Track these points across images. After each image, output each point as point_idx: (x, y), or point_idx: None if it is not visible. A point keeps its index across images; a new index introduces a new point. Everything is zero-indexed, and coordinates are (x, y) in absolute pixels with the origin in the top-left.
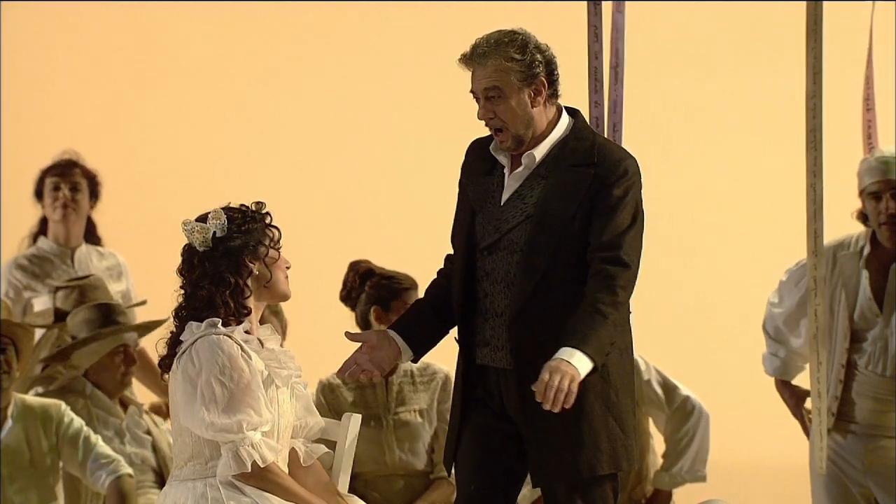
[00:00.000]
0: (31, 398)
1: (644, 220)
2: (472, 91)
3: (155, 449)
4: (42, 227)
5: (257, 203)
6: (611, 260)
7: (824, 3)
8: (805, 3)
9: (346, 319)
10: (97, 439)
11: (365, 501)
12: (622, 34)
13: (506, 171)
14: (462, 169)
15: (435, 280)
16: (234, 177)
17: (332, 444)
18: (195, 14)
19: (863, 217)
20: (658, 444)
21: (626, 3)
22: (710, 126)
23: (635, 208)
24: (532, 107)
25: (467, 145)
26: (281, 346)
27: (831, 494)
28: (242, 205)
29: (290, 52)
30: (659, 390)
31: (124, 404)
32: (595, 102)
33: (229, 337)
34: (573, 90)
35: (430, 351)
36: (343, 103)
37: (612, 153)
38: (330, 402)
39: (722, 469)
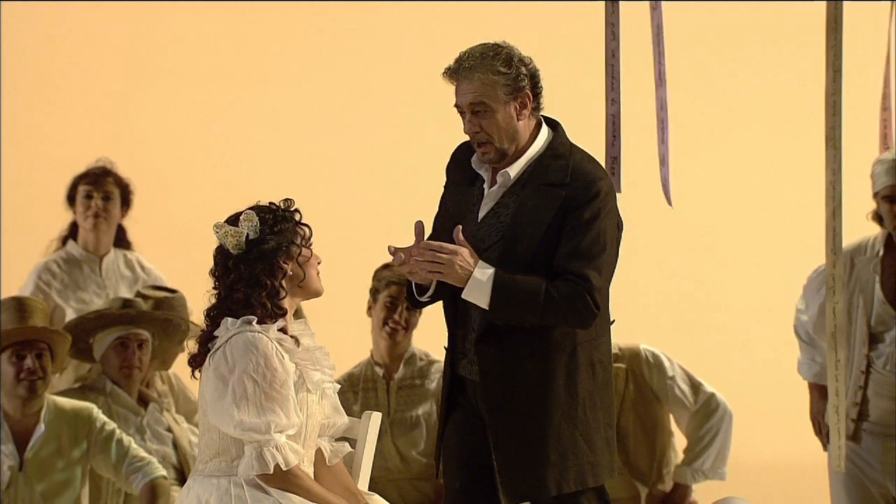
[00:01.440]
0: (62, 400)
1: (620, 233)
2: (456, 105)
3: (175, 446)
4: (72, 231)
5: (286, 200)
6: (586, 289)
7: (844, 2)
8: (825, 2)
9: (349, 319)
10: (130, 441)
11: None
12: (661, 32)
13: (485, 185)
14: (446, 172)
15: None
16: (238, 174)
17: (350, 442)
18: (196, 13)
19: (878, 218)
20: (678, 441)
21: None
22: (730, 123)
23: (606, 232)
24: (517, 120)
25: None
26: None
27: (850, 494)
28: (272, 203)
29: (299, 52)
30: (685, 387)
31: (144, 401)
32: (612, 100)
33: (264, 335)
34: (590, 88)
35: (433, 348)
36: (353, 103)
37: (586, 174)
38: None
39: (741, 467)
